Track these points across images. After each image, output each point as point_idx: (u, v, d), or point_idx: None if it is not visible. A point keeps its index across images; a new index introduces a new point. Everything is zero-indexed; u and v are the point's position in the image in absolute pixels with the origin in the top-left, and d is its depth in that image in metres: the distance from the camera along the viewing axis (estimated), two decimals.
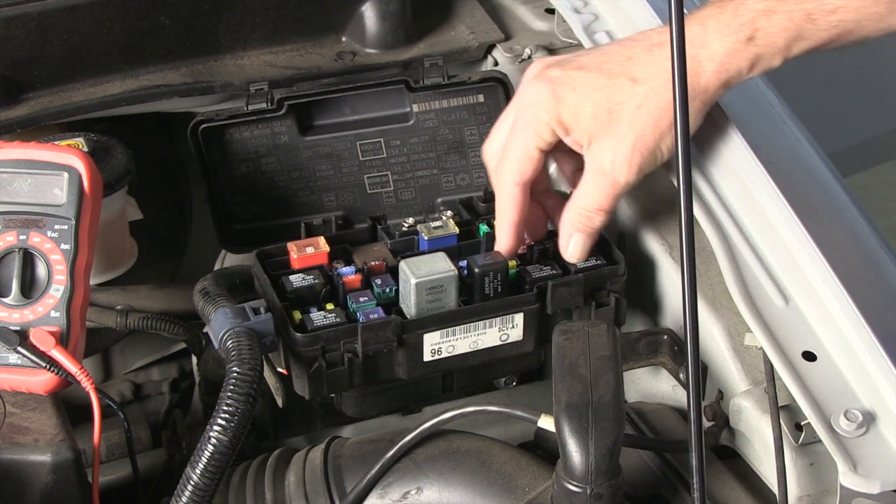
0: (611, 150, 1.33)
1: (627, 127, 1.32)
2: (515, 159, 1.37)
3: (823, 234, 1.39)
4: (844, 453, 1.24)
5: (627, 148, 1.32)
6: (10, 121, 1.50)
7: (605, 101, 1.32)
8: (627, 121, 1.32)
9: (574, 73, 1.34)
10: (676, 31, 1.05)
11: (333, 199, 1.57)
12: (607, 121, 1.32)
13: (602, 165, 1.34)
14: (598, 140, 1.33)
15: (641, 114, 1.32)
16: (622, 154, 1.33)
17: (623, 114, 1.32)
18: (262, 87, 1.55)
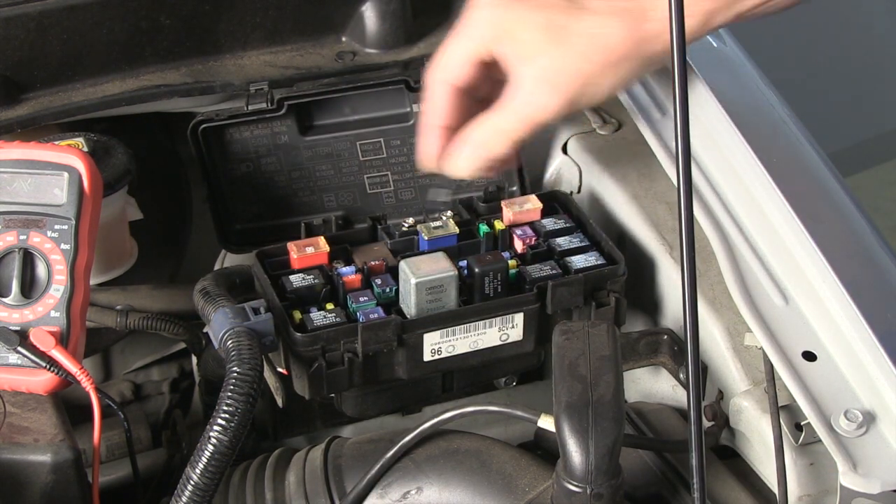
0: (549, 68, 1.28)
1: (572, 49, 1.27)
2: (447, 56, 1.33)
3: (823, 234, 1.39)
4: (844, 453, 1.24)
5: (568, 69, 1.27)
6: (10, 121, 1.50)
7: (554, 19, 1.28)
8: (573, 44, 1.28)
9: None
10: (677, 31, 1.05)
11: (333, 199, 1.57)
12: (550, 38, 1.28)
13: (535, 82, 1.28)
14: (540, 54, 1.28)
15: (588, 42, 1.27)
16: (560, 74, 1.27)
17: (569, 37, 1.28)
18: (262, 87, 1.55)
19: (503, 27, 1.29)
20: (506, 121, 1.30)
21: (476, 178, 1.36)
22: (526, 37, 1.29)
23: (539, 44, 1.28)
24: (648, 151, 1.50)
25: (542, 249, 1.43)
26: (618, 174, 1.59)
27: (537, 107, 1.29)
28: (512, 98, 1.30)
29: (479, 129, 1.32)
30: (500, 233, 1.44)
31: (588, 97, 1.30)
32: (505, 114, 1.30)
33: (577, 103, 1.29)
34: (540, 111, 1.29)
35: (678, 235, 1.08)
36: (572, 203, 1.49)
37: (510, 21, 1.29)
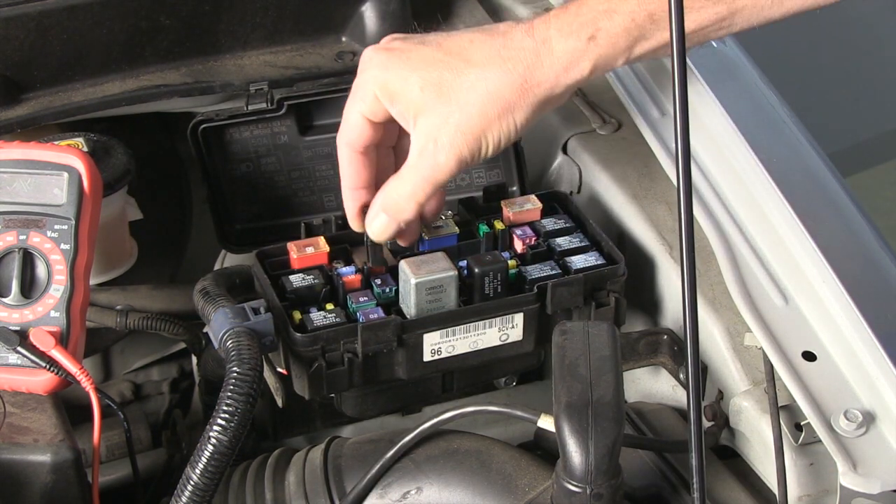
0: (435, 127, 1.28)
1: (455, 106, 1.28)
2: (345, 122, 1.34)
3: (823, 234, 1.39)
4: (844, 453, 1.24)
5: (452, 126, 1.28)
6: (10, 121, 1.50)
7: (437, 76, 1.28)
8: (455, 100, 1.28)
9: (413, 45, 1.31)
10: (677, 32, 1.05)
11: (333, 199, 1.57)
12: (435, 96, 1.28)
13: (426, 143, 1.29)
14: (424, 115, 1.29)
15: (470, 96, 1.27)
16: (445, 133, 1.28)
17: (452, 93, 1.28)
18: (262, 87, 1.55)
19: (389, 88, 1.30)
20: (407, 184, 1.31)
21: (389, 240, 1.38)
22: (411, 96, 1.29)
23: (423, 102, 1.29)
24: (648, 151, 1.51)
25: (542, 249, 1.43)
26: (618, 174, 1.59)
27: (432, 166, 1.30)
28: (410, 160, 1.31)
29: (386, 196, 1.33)
30: (500, 233, 1.44)
31: (481, 149, 1.30)
32: (405, 178, 1.32)
33: (471, 157, 1.30)
34: (435, 171, 1.30)
35: (678, 235, 1.08)
36: (572, 203, 1.49)
37: (394, 81, 1.30)
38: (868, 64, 3.47)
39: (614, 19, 1.28)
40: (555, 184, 1.67)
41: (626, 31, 1.28)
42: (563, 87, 1.29)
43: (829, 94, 3.37)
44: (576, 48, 1.28)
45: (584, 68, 1.29)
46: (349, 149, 1.35)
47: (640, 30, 1.28)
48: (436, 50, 1.30)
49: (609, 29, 1.28)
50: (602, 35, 1.28)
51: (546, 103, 1.30)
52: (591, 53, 1.28)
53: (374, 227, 1.35)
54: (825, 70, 3.39)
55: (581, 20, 1.28)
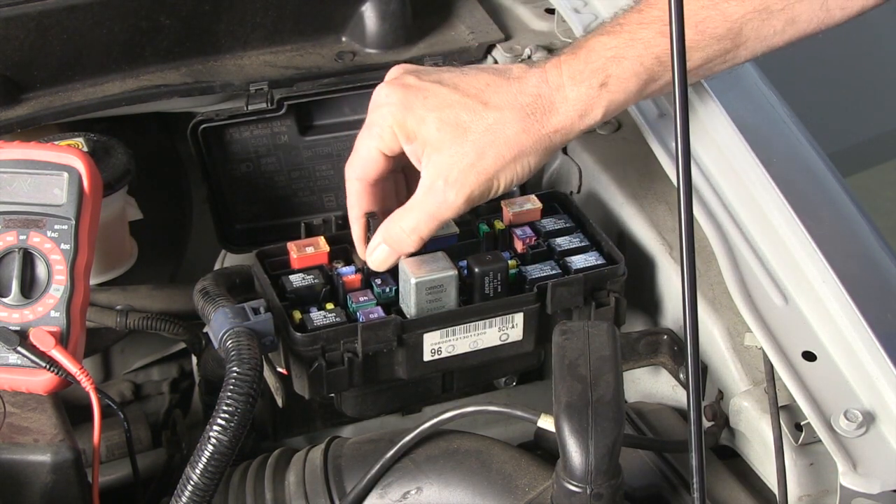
0: (448, 166, 1.30)
1: (470, 146, 1.30)
2: (357, 156, 1.36)
3: (823, 234, 1.39)
4: (844, 453, 1.24)
5: (465, 166, 1.30)
6: (10, 121, 1.50)
7: (454, 117, 1.31)
8: (471, 141, 1.30)
9: (430, 84, 1.33)
10: (676, 32, 1.05)
11: (333, 199, 1.57)
12: (451, 136, 1.30)
13: (435, 180, 1.31)
14: (439, 153, 1.31)
15: (487, 138, 1.30)
16: (458, 171, 1.30)
17: (469, 133, 1.30)
18: (262, 87, 1.55)
19: (406, 127, 1.32)
20: (413, 219, 1.33)
21: None
22: (426, 135, 1.31)
23: (438, 142, 1.30)
24: (648, 151, 1.51)
25: (542, 249, 1.43)
26: (617, 174, 1.59)
27: (440, 204, 1.31)
28: (417, 196, 1.33)
29: (389, 228, 1.34)
30: (500, 233, 1.44)
31: (490, 191, 1.32)
32: (412, 213, 1.33)
33: (479, 197, 1.32)
34: (443, 208, 1.31)
35: (678, 235, 1.08)
36: (572, 203, 1.49)
37: (411, 120, 1.31)
38: (868, 64, 3.47)
39: (623, 65, 1.31)
40: (555, 184, 1.67)
41: (636, 75, 1.31)
42: (577, 132, 1.33)
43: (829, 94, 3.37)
44: (588, 95, 1.31)
45: (598, 114, 1.32)
46: (360, 183, 1.37)
47: (649, 73, 1.31)
48: (453, 91, 1.32)
49: (619, 75, 1.31)
50: (613, 81, 1.31)
51: (558, 148, 1.35)
52: (604, 100, 1.31)
53: (374, 258, 1.36)
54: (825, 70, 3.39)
55: (591, 67, 1.31)
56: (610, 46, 1.31)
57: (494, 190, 1.32)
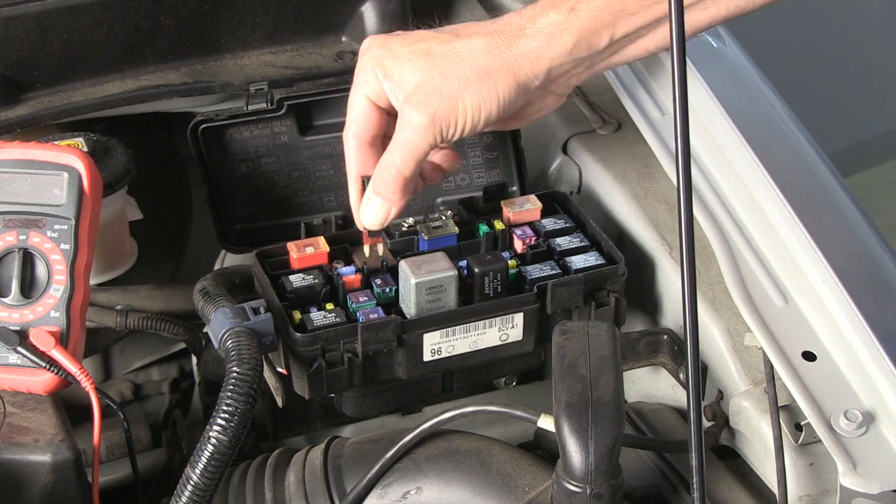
0: (414, 90, 1.30)
1: (436, 69, 1.30)
2: (350, 112, 1.36)
3: (823, 234, 1.39)
4: (844, 453, 1.24)
5: (430, 88, 1.29)
6: (10, 121, 1.50)
7: (425, 47, 1.31)
8: (437, 64, 1.30)
9: (410, 32, 1.35)
10: (676, 32, 1.05)
11: (333, 199, 1.57)
12: (420, 63, 1.30)
13: (404, 107, 1.30)
14: (408, 81, 1.31)
15: (451, 60, 1.30)
16: (423, 94, 1.29)
17: (436, 58, 1.30)
18: (262, 87, 1.55)
19: (384, 64, 1.32)
20: (390, 154, 1.32)
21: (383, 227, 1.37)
22: (401, 69, 1.31)
23: (408, 71, 1.31)
24: (648, 151, 1.51)
25: (542, 249, 1.43)
26: (618, 174, 1.59)
27: (408, 127, 1.30)
28: (396, 134, 1.32)
29: (376, 174, 1.34)
30: (500, 233, 1.44)
31: (456, 114, 1.30)
32: (389, 150, 1.32)
33: (445, 119, 1.30)
34: (411, 132, 1.30)
35: (678, 235, 1.08)
36: (572, 203, 1.49)
37: (388, 58, 1.32)
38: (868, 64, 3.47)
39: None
40: (555, 184, 1.67)
41: (607, 4, 1.29)
42: (547, 60, 1.30)
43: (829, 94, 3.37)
44: (557, 20, 1.30)
45: (567, 42, 1.30)
46: (356, 140, 1.36)
47: (622, 4, 1.29)
48: (429, 31, 1.34)
49: (590, 1, 1.29)
50: (583, 6, 1.29)
51: (529, 81, 1.31)
52: (573, 26, 1.29)
53: (367, 213, 1.35)
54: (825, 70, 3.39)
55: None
56: None
57: (462, 114, 1.30)
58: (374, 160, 1.36)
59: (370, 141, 1.36)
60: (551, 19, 1.30)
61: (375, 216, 1.35)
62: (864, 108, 3.50)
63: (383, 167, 1.32)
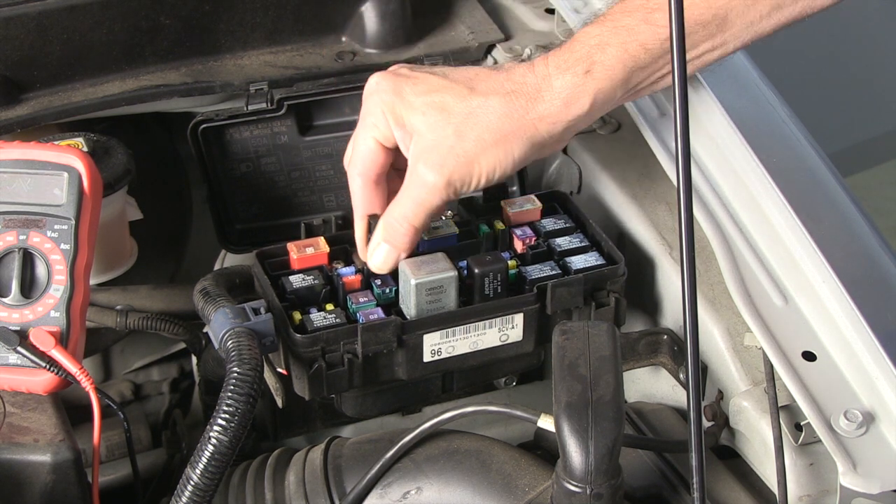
0: (429, 148, 1.30)
1: (452, 129, 1.30)
2: (356, 150, 1.36)
3: (823, 234, 1.39)
4: (844, 453, 1.24)
5: (445, 148, 1.30)
6: (10, 121, 1.50)
7: (440, 100, 1.31)
8: (453, 123, 1.30)
9: (420, 73, 1.34)
10: (676, 31, 1.05)
11: (333, 199, 1.57)
12: (435, 119, 1.30)
13: (416, 163, 1.30)
14: (421, 136, 1.31)
15: (468, 121, 1.30)
16: (437, 153, 1.30)
17: (452, 116, 1.30)
18: (262, 87, 1.55)
19: (395, 112, 1.32)
20: (401, 207, 1.32)
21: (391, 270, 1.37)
22: (412, 119, 1.31)
23: (422, 125, 1.31)
24: (648, 151, 1.51)
25: (542, 250, 1.43)
26: (617, 174, 1.59)
27: (422, 186, 1.31)
28: (404, 184, 1.32)
29: (385, 221, 1.34)
30: (500, 233, 1.44)
31: (471, 177, 1.31)
32: (399, 201, 1.33)
33: (460, 181, 1.30)
34: (425, 193, 1.30)
35: (678, 235, 1.08)
36: (572, 203, 1.49)
37: (400, 105, 1.32)
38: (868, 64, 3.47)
39: (607, 52, 1.30)
40: (555, 184, 1.67)
41: (621, 62, 1.30)
42: (564, 123, 1.31)
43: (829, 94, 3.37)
44: (574, 83, 1.30)
45: (584, 104, 1.31)
46: (362, 179, 1.36)
47: (634, 60, 1.31)
48: (441, 78, 1.33)
49: (603, 62, 1.30)
50: (598, 68, 1.30)
51: (546, 142, 1.32)
52: (590, 88, 1.30)
53: (375, 258, 1.35)
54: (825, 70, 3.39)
55: (576, 56, 1.31)
56: (594, 35, 1.31)
57: (476, 176, 1.31)
58: (379, 197, 1.37)
59: (376, 179, 1.36)
60: (567, 82, 1.30)
61: (384, 262, 1.35)
62: (864, 108, 3.50)
63: (394, 218, 1.33)
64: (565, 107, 1.30)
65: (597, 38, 1.31)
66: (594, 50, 1.30)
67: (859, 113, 3.48)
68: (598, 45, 1.31)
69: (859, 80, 3.49)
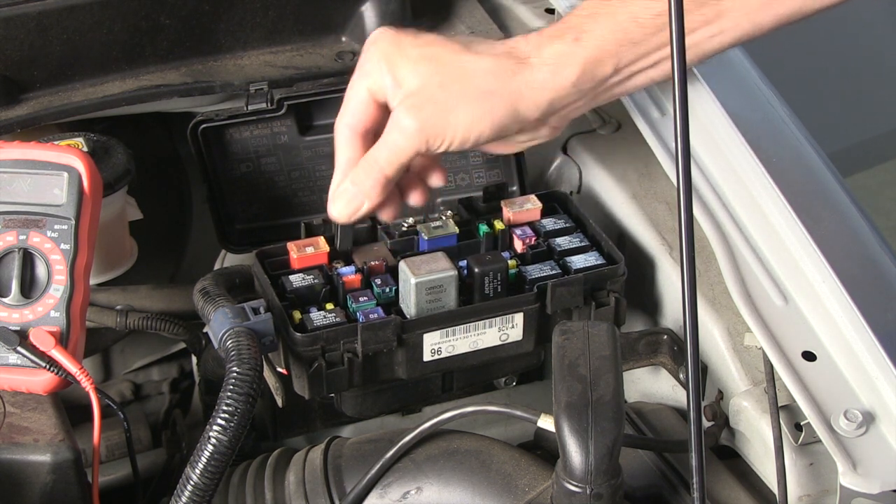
0: (412, 93, 1.29)
1: (438, 78, 1.29)
2: (348, 101, 1.34)
3: (823, 234, 1.39)
4: (844, 453, 1.24)
5: (426, 95, 1.28)
6: (10, 121, 1.50)
7: (434, 52, 1.30)
8: (440, 73, 1.29)
9: (422, 33, 1.34)
10: (676, 31, 1.05)
11: None
12: (425, 67, 1.29)
13: (398, 108, 1.29)
14: (406, 82, 1.30)
15: (455, 72, 1.29)
16: (418, 98, 1.28)
17: (441, 67, 1.29)
18: (262, 87, 1.55)
19: (390, 61, 1.31)
20: (375, 150, 1.31)
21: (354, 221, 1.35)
22: (405, 69, 1.30)
23: (410, 73, 1.30)
24: (648, 151, 1.51)
25: (542, 249, 1.43)
26: (618, 174, 1.59)
27: (397, 129, 1.29)
28: (385, 131, 1.31)
29: (357, 165, 1.33)
30: (500, 233, 1.44)
31: (447, 128, 1.29)
32: (376, 146, 1.31)
33: (433, 129, 1.29)
34: (398, 133, 1.29)
35: (678, 235, 1.08)
36: (572, 203, 1.49)
37: (395, 55, 1.31)
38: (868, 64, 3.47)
39: (598, 21, 1.30)
40: (555, 184, 1.67)
41: (612, 32, 1.30)
42: (550, 91, 1.30)
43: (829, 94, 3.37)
44: (562, 51, 1.30)
45: (572, 73, 1.30)
46: (349, 130, 1.34)
47: (626, 32, 1.30)
48: (442, 37, 1.33)
49: (593, 31, 1.30)
50: (587, 37, 1.30)
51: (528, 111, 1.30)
52: (578, 56, 1.30)
53: (337, 202, 1.33)
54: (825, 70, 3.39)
55: (567, 25, 1.31)
56: (587, 7, 1.31)
57: (453, 129, 1.29)
58: (363, 152, 1.34)
59: (363, 133, 1.34)
60: (556, 50, 1.30)
61: (346, 205, 1.33)
62: (864, 108, 3.50)
63: (366, 160, 1.31)
64: (552, 74, 1.29)
65: (589, 9, 1.31)
66: (585, 20, 1.30)
67: (859, 113, 3.48)
68: (590, 15, 1.30)
69: (859, 80, 3.49)
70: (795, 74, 2.63)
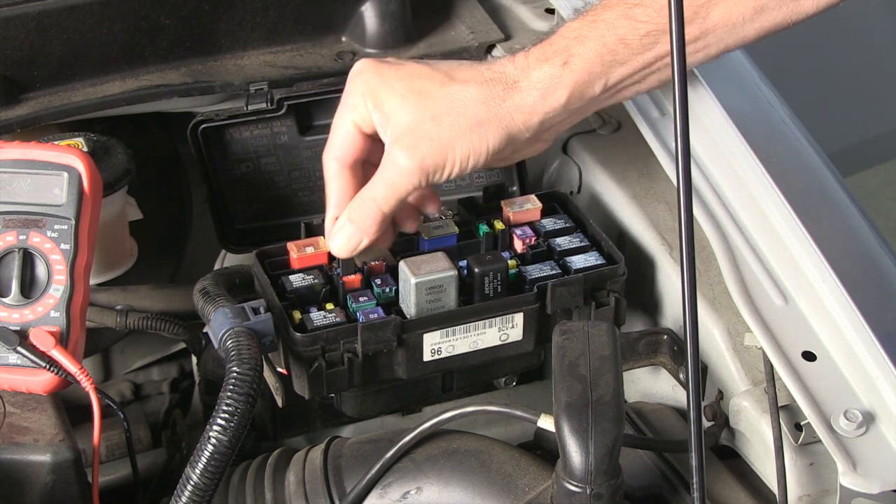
0: (404, 131, 1.29)
1: (428, 112, 1.29)
2: (334, 134, 1.35)
3: (823, 234, 1.39)
4: (844, 453, 1.24)
5: (420, 131, 1.29)
6: (10, 121, 1.50)
7: (419, 85, 1.30)
8: (430, 107, 1.29)
9: (405, 62, 1.34)
10: (676, 31, 1.05)
11: None
12: (412, 102, 1.30)
13: (392, 145, 1.30)
14: (398, 118, 1.30)
15: (445, 105, 1.29)
16: (412, 136, 1.29)
17: (429, 100, 1.29)
18: (262, 87, 1.55)
19: (376, 94, 1.31)
20: (373, 188, 1.32)
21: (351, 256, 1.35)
22: (391, 103, 1.31)
23: (399, 108, 1.30)
24: (648, 151, 1.51)
25: (542, 249, 1.43)
26: (618, 174, 1.59)
27: (395, 168, 1.30)
28: (380, 167, 1.32)
29: (354, 203, 1.33)
30: (500, 233, 1.44)
31: (445, 162, 1.30)
32: (373, 182, 1.32)
33: (433, 166, 1.29)
34: (397, 173, 1.30)
35: (678, 235, 1.08)
36: (572, 203, 1.49)
37: (379, 88, 1.31)
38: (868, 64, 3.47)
39: (585, 44, 1.30)
40: (555, 184, 1.67)
41: (599, 55, 1.30)
42: (540, 115, 1.31)
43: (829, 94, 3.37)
44: (551, 75, 1.30)
45: (561, 96, 1.31)
46: (338, 163, 1.35)
47: (613, 54, 1.31)
48: (424, 66, 1.33)
49: (582, 54, 1.30)
50: (575, 60, 1.30)
51: (521, 134, 1.31)
52: (567, 80, 1.30)
53: (337, 239, 1.34)
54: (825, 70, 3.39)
55: (554, 48, 1.31)
56: (573, 29, 1.32)
57: (451, 162, 1.30)
58: (353, 185, 1.35)
59: (352, 165, 1.35)
60: (545, 73, 1.30)
61: (346, 243, 1.33)
62: (864, 108, 3.51)
63: (363, 198, 1.32)
64: (542, 98, 1.30)
65: (576, 31, 1.31)
66: (572, 43, 1.31)
67: (859, 113, 3.48)
68: (577, 38, 1.31)
69: (859, 80, 3.49)
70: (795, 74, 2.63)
